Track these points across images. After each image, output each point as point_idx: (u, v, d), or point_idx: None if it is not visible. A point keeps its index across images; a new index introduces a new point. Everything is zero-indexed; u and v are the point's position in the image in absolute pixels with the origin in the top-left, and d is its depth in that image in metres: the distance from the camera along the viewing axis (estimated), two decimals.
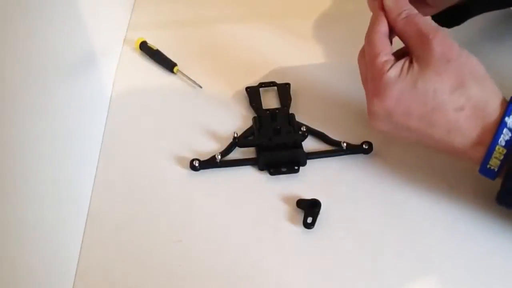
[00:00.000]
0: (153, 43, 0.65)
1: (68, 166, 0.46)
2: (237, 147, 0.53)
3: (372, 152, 0.52)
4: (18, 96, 0.38)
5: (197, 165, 0.51)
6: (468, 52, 0.43)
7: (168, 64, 0.62)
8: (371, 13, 0.47)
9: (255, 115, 0.55)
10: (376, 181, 0.50)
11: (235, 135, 0.52)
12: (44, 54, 0.43)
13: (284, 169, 0.51)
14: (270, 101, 0.58)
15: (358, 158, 0.52)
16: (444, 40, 0.42)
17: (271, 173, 0.51)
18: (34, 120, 0.40)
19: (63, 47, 0.48)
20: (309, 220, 0.47)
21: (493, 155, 0.41)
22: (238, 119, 0.56)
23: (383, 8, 0.46)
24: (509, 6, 0.59)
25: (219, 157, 0.51)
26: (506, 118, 0.41)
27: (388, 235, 0.47)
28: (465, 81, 0.42)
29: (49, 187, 0.42)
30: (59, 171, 0.44)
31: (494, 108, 0.42)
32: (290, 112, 0.55)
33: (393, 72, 0.43)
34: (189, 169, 0.52)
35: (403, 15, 0.45)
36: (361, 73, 0.47)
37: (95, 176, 0.52)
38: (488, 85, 0.42)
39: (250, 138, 0.54)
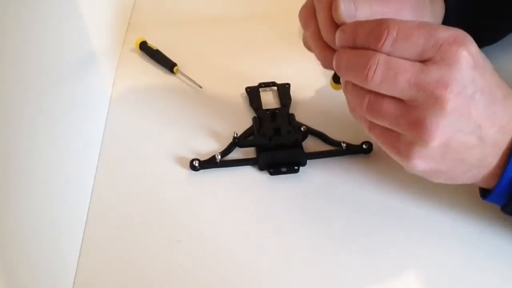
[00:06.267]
0: (153, 43, 0.65)
1: (68, 166, 0.46)
2: (237, 147, 0.53)
3: (372, 152, 0.52)
4: (18, 96, 0.38)
5: (197, 165, 0.51)
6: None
7: (168, 64, 0.62)
8: None
9: (255, 115, 0.55)
10: (376, 181, 0.50)
11: (235, 135, 0.52)
12: (44, 54, 0.43)
13: (284, 169, 0.51)
14: (270, 101, 0.58)
15: (358, 158, 0.52)
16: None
17: (271, 173, 0.51)
18: (34, 120, 0.40)
19: (63, 47, 0.48)
20: None
21: None
22: (238, 119, 0.56)
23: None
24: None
25: (219, 157, 0.51)
26: None
27: (388, 235, 0.47)
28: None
29: (49, 187, 0.42)
30: (59, 171, 0.44)
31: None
32: (290, 112, 0.55)
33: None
34: (189, 169, 0.52)
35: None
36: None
37: (95, 176, 0.52)
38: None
39: (250, 138, 0.54)
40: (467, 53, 0.36)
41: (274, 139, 0.52)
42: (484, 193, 0.43)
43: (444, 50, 0.36)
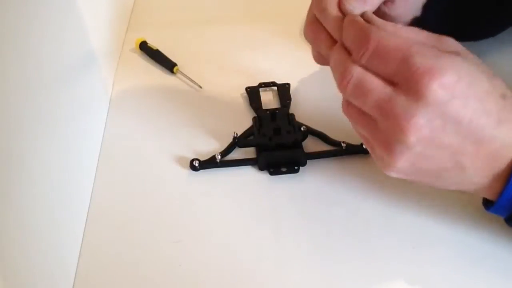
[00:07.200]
0: (153, 43, 0.65)
1: (68, 166, 0.46)
2: (237, 147, 0.53)
3: None
4: (17, 96, 0.38)
5: (197, 165, 0.51)
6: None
7: (168, 64, 0.62)
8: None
9: (255, 115, 0.55)
10: (376, 182, 0.50)
11: (235, 135, 0.52)
12: (44, 55, 0.43)
13: (284, 169, 0.51)
14: (270, 101, 0.58)
15: (358, 158, 0.52)
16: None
17: (271, 173, 0.51)
18: (34, 120, 0.40)
19: (62, 48, 0.48)
20: None
21: None
22: (238, 119, 0.56)
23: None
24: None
25: (219, 157, 0.51)
26: None
27: (387, 235, 0.47)
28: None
29: (49, 187, 0.42)
30: (59, 171, 0.44)
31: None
32: (290, 112, 0.55)
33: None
34: (189, 169, 0.52)
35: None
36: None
37: (95, 176, 0.52)
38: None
39: (250, 138, 0.54)
40: (438, 86, 0.35)
41: (274, 139, 0.52)
42: (487, 203, 0.42)
43: (414, 80, 0.35)
